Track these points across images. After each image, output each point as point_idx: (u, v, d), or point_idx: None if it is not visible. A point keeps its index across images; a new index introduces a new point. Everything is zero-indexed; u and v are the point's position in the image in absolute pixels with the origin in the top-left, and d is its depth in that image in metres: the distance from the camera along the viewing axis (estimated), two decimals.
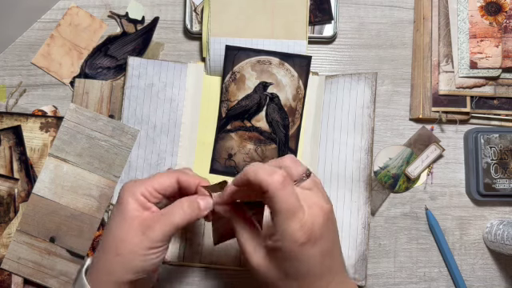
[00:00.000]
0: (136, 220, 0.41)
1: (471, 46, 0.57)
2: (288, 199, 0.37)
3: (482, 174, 0.57)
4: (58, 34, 0.59)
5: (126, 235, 0.41)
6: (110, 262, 0.41)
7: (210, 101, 0.58)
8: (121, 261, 0.41)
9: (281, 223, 0.37)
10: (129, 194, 0.42)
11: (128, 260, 0.41)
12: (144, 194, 0.42)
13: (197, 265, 0.56)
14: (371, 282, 0.58)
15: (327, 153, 0.56)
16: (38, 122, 0.57)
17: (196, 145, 0.57)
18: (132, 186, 0.43)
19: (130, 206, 0.42)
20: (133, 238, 0.41)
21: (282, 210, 0.37)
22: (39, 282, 0.55)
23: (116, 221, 0.42)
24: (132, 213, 0.41)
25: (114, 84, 0.58)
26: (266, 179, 0.37)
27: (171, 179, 0.44)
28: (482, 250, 0.59)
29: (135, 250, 0.41)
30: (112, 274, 0.41)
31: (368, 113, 0.56)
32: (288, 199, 0.37)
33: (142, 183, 0.43)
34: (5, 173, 0.56)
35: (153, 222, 0.41)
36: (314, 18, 0.59)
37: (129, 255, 0.41)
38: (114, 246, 0.41)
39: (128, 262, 0.41)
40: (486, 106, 0.58)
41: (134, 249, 0.41)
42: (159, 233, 0.41)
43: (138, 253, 0.41)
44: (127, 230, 0.41)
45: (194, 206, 0.43)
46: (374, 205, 0.58)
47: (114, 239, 0.41)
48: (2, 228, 0.56)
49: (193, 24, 0.59)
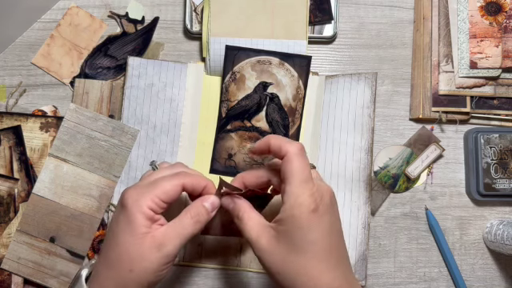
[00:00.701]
0: (148, 236, 0.41)
1: (471, 46, 0.57)
2: (302, 167, 0.40)
3: (482, 174, 0.57)
4: (58, 34, 0.59)
5: (140, 253, 0.40)
6: (121, 277, 0.41)
7: (210, 101, 0.58)
8: (134, 277, 0.40)
9: (293, 188, 0.39)
10: (135, 208, 0.41)
11: (142, 276, 0.40)
12: (151, 206, 0.41)
13: (197, 265, 0.56)
14: (371, 281, 0.58)
15: (327, 153, 0.56)
16: (37, 122, 0.57)
17: (196, 145, 0.57)
18: (137, 199, 0.41)
19: (138, 222, 0.41)
20: (147, 256, 0.40)
21: (297, 174, 0.39)
22: (39, 282, 0.55)
23: (125, 236, 0.41)
24: (142, 229, 0.41)
25: (114, 84, 0.58)
26: (285, 144, 0.40)
27: (176, 186, 0.43)
28: (482, 250, 0.59)
29: (149, 267, 0.40)
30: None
31: (368, 113, 0.56)
32: (302, 167, 0.40)
33: (146, 194, 0.41)
34: (5, 173, 0.56)
35: (166, 238, 0.41)
36: (314, 18, 0.59)
37: (143, 272, 0.40)
38: (126, 263, 0.41)
39: (142, 278, 0.41)
40: (485, 106, 0.58)
41: (148, 266, 0.40)
42: (173, 248, 0.41)
43: (152, 270, 0.40)
44: (140, 248, 0.40)
45: (202, 211, 0.43)
46: (374, 205, 0.58)
47: (126, 255, 0.41)
48: (2, 228, 0.56)
49: (193, 24, 0.59)
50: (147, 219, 0.41)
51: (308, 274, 0.39)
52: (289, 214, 0.39)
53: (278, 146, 0.41)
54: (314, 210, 0.39)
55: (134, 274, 0.40)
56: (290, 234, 0.39)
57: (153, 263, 0.40)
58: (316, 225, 0.39)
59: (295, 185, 0.39)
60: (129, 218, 0.41)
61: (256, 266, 0.56)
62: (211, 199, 0.44)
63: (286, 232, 0.39)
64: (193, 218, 0.42)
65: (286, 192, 0.39)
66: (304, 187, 0.39)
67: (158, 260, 0.40)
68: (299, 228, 0.39)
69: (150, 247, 0.40)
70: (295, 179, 0.39)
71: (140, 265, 0.40)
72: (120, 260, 0.41)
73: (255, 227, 0.41)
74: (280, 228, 0.40)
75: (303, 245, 0.39)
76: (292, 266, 0.39)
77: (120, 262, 0.41)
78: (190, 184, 0.43)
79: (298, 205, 0.39)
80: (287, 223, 0.39)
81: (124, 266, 0.41)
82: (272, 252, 0.40)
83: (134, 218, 0.41)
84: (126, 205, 0.41)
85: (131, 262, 0.40)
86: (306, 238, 0.39)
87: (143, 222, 0.41)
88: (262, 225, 0.41)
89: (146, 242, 0.40)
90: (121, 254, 0.41)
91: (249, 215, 0.42)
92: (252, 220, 0.42)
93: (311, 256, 0.39)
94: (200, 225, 0.43)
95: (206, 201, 0.43)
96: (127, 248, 0.41)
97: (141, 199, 0.41)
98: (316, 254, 0.39)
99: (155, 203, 0.41)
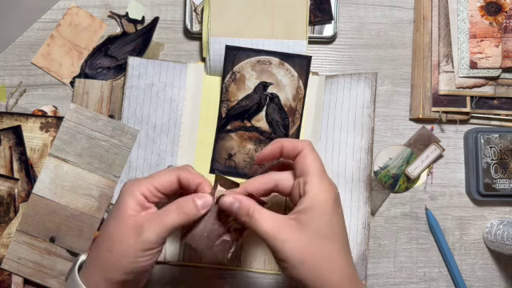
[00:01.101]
0: (131, 219, 0.41)
1: (471, 46, 0.57)
2: (319, 160, 0.42)
3: (482, 174, 0.57)
4: (58, 34, 0.59)
5: (120, 234, 0.41)
6: (102, 258, 0.41)
7: (210, 101, 0.58)
8: (112, 259, 0.40)
9: (315, 178, 0.41)
10: (128, 193, 0.42)
11: (118, 259, 0.40)
12: (144, 193, 0.42)
13: (197, 265, 0.56)
14: (371, 281, 0.58)
15: (327, 153, 0.56)
16: (38, 122, 0.57)
17: (196, 145, 0.57)
18: (131, 185, 0.42)
19: (127, 205, 0.41)
20: (125, 238, 0.40)
21: (317, 167, 0.42)
22: (39, 282, 0.55)
23: (112, 218, 0.42)
24: (128, 212, 0.41)
25: (114, 84, 0.58)
26: (298, 142, 0.43)
27: (172, 177, 0.43)
28: (482, 250, 0.59)
29: (127, 251, 0.40)
30: (102, 270, 0.41)
31: (368, 113, 0.56)
32: (319, 160, 0.42)
33: (141, 182, 0.42)
34: (5, 173, 0.56)
35: (146, 223, 0.41)
36: (314, 18, 0.59)
37: (120, 254, 0.40)
38: (107, 243, 0.41)
39: (118, 261, 0.40)
40: (486, 106, 0.58)
41: (126, 249, 0.40)
42: (152, 234, 0.40)
43: (130, 254, 0.40)
44: (121, 229, 0.41)
45: (190, 206, 0.42)
46: (374, 205, 0.58)
47: (108, 236, 0.41)
48: (2, 228, 0.56)
49: (193, 24, 0.59)
50: (137, 204, 0.41)
51: (335, 260, 0.40)
52: (313, 202, 0.40)
53: (291, 146, 0.43)
54: (335, 198, 0.41)
55: (113, 255, 0.40)
56: (315, 221, 0.40)
57: (130, 246, 0.40)
58: (337, 213, 0.41)
59: (317, 174, 0.41)
60: (119, 202, 0.42)
61: (256, 265, 0.56)
62: (204, 196, 0.42)
63: (310, 220, 0.40)
64: (178, 209, 0.41)
65: (309, 182, 0.41)
66: (324, 177, 0.42)
67: (136, 244, 0.40)
68: (325, 214, 0.40)
69: (130, 229, 0.40)
70: (316, 170, 0.41)
71: (118, 246, 0.40)
72: (103, 240, 0.42)
73: (271, 221, 0.40)
74: (302, 217, 0.40)
75: (329, 231, 0.40)
76: (319, 252, 0.39)
77: (103, 242, 0.42)
78: (186, 178, 0.43)
79: (323, 192, 0.40)
80: (312, 210, 0.40)
81: (104, 246, 0.41)
82: (296, 240, 0.39)
83: (124, 201, 0.41)
84: (121, 193, 0.42)
85: (111, 242, 0.41)
86: (331, 224, 0.40)
87: (132, 206, 0.41)
88: (278, 217, 0.41)
89: (128, 225, 0.41)
90: (104, 234, 0.42)
91: (260, 211, 0.41)
92: (265, 214, 0.41)
93: (336, 242, 0.40)
94: (185, 217, 0.41)
95: (198, 196, 0.42)
96: (111, 229, 0.41)
97: (135, 186, 0.42)
98: (340, 241, 0.40)
99: (148, 190, 0.42)
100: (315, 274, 0.39)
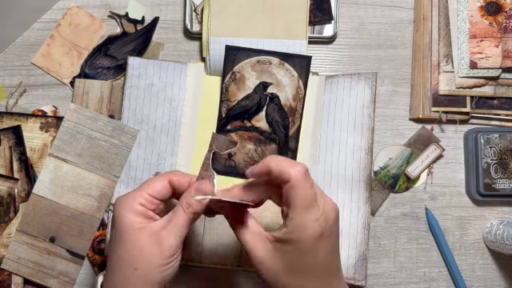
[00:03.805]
0: (143, 233, 0.40)
1: (471, 46, 0.57)
2: (308, 191, 0.38)
3: (481, 174, 0.57)
4: (58, 34, 0.59)
5: (140, 250, 0.40)
6: (127, 278, 0.40)
7: (210, 101, 0.58)
8: (140, 276, 0.40)
9: (297, 215, 0.38)
10: (125, 209, 0.41)
11: (147, 274, 0.40)
12: (141, 202, 0.41)
13: (197, 265, 0.56)
14: (371, 281, 0.58)
15: (327, 153, 0.56)
16: (38, 122, 0.57)
17: (196, 145, 0.57)
18: (125, 200, 0.41)
19: (132, 220, 0.40)
20: (148, 252, 0.40)
21: (302, 201, 0.38)
22: (39, 282, 0.55)
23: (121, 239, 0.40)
24: (136, 226, 0.40)
25: (114, 84, 0.58)
26: (288, 170, 0.38)
27: (163, 182, 0.43)
28: (482, 250, 0.59)
29: (154, 263, 0.40)
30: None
31: (368, 113, 0.56)
32: (308, 191, 0.38)
33: (135, 194, 0.42)
34: (5, 173, 0.56)
35: (163, 231, 0.40)
36: (314, 18, 0.59)
37: (148, 269, 0.40)
38: (129, 263, 0.40)
39: (147, 276, 0.40)
40: (485, 106, 0.58)
41: (152, 261, 0.40)
42: (172, 239, 0.40)
43: (157, 264, 0.40)
44: (139, 244, 0.40)
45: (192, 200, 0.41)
46: (374, 205, 0.58)
47: (127, 256, 0.40)
48: (2, 228, 0.56)
49: (193, 24, 0.59)
50: (139, 215, 0.41)
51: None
52: (292, 237, 0.38)
53: (279, 172, 0.39)
54: (319, 236, 0.38)
55: (140, 272, 0.40)
56: (290, 256, 0.39)
57: (156, 257, 0.40)
58: (319, 249, 0.38)
59: (299, 212, 0.38)
60: (120, 220, 0.41)
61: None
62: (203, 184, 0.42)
63: (286, 252, 0.39)
64: (185, 209, 0.41)
65: (290, 218, 0.39)
66: (309, 213, 0.38)
67: (161, 253, 0.40)
68: (302, 251, 0.38)
69: (150, 241, 0.40)
70: (300, 206, 0.38)
71: (144, 260, 0.40)
72: (122, 261, 0.40)
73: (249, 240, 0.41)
74: (280, 247, 0.39)
75: (304, 267, 0.39)
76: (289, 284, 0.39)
77: (123, 262, 0.40)
78: (176, 179, 0.43)
79: (303, 231, 0.38)
80: (289, 245, 0.39)
81: (127, 266, 0.40)
82: (268, 265, 0.40)
83: (126, 218, 0.40)
84: (115, 212, 0.41)
85: (134, 260, 0.40)
86: (308, 261, 0.38)
87: (136, 219, 0.40)
88: (257, 237, 0.41)
89: (145, 237, 0.40)
90: (121, 255, 0.40)
91: (243, 224, 0.41)
92: (249, 229, 0.41)
93: (311, 276, 0.39)
94: (194, 215, 0.41)
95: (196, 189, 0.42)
96: (127, 248, 0.40)
97: (130, 199, 0.41)
98: (315, 273, 0.39)
99: (145, 199, 0.41)
100: None
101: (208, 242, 0.56)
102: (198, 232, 0.56)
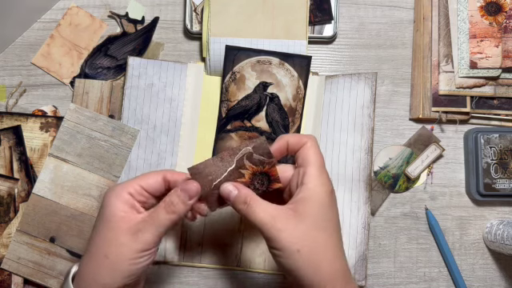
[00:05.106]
0: (124, 221, 0.40)
1: (471, 46, 0.57)
2: (320, 154, 0.43)
3: (481, 174, 0.57)
4: (58, 34, 0.59)
5: (115, 237, 0.40)
6: (97, 265, 0.40)
7: (210, 101, 0.58)
8: (109, 264, 0.40)
9: (315, 172, 0.42)
10: (113, 195, 0.41)
11: (117, 263, 0.40)
12: (130, 192, 0.41)
13: (197, 265, 0.56)
14: (371, 282, 0.58)
15: (327, 153, 0.56)
16: (38, 122, 0.57)
17: (196, 145, 0.57)
18: (115, 188, 0.42)
19: (115, 207, 0.41)
20: (122, 241, 0.40)
21: (318, 159, 0.42)
22: (39, 282, 0.55)
23: (103, 223, 0.41)
24: (118, 213, 0.40)
25: (114, 84, 0.58)
26: (303, 137, 0.44)
27: (157, 177, 0.43)
28: (482, 249, 0.59)
29: (125, 253, 0.40)
30: (99, 278, 0.40)
31: (368, 113, 0.56)
32: (320, 154, 0.43)
33: (126, 183, 0.42)
34: (5, 173, 0.56)
35: (141, 224, 0.40)
36: (314, 18, 0.59)
37: (118, 258, 0.40)
38: (102, 249, 0.40)
39: (117, 265, 0.40)
40: (485, 106, 0.58)
41: (123, 252, 0.40)
42: (148, 235, 0.40)
43: (128, 256, 0.40)
44: (115, 232, 0.40)
45: (176, 201, 0.41)
46: (374, 205, 0.58)
47: (102, 242, 0.40)
48: (2, 228, 0.56)
49: (193, 24, 0.59)
50: (125, 204, 0.41)
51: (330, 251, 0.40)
52: (311, 193, 0.41)
53: (296, 140, 0.43)
54: (332, 191, 0.42)
55: (110, 260, 0.40)
56: (312, 212, 0.40)
57: (128, 248, 0.40)
58: (333, 205, 0.42)
59: (317, 167, 0.42)
60: (106, 207, 0.41)
61: (256, 265, 0.56)
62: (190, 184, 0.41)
63: (307, 210, 0.40)
64: (166, 207, 0.41)
65: (308, 173, 0.42)
66: (324, 171, 0.42)
67: (134, 246, 0.40)
68: (322, 205, 0.41)
69: (125, 232, 0.40)
70: (317, 163, 0.42)
71: (114, 250, 0.40)
72: (97, 247, 0.41)
73: (267, 210, 0.41)
74: (300, 207, 0.40)
75: (325, 223, 0.41)
76: (315, 242, 0.40)
77: (97, 248, 0.41)
78: (171, 176, 0.43)
79: (321, 184, 0.41)
80: (309, 201, 0.40)
81: (100, 252, 0.40)
82: (292, 230, 0.40)
83: (110, 203, 0.41)
84: (105, 197, 0.42)
85: (107, 247, 0.40)
86: (328, 216, 0.41)
87: (120, 207, 0.41)
88: (274, 207, 0.41)
89: (122, 227, 0.40)
90: (98, 240, 0.41)
91: (257, 200, 0.41)
92: (262, 204, 0.41)
93: (332, 234, 0.41)
94: (175, 216, 0.41)
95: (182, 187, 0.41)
96: (104, 233, 0.40)
97: (119, 188, 0.42)
98: (335, 234, 0.41)
99: (134, 189, 0.41)
100: (310, 263, 0.39)
101: (208, 242, 0.56)
102: (198, 232, 0.57)
